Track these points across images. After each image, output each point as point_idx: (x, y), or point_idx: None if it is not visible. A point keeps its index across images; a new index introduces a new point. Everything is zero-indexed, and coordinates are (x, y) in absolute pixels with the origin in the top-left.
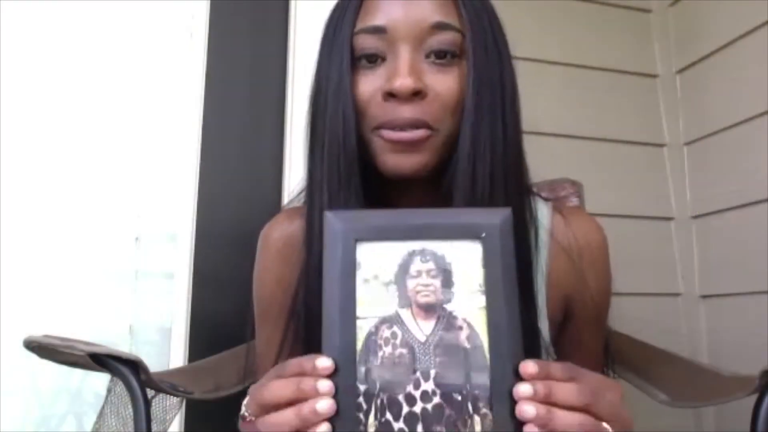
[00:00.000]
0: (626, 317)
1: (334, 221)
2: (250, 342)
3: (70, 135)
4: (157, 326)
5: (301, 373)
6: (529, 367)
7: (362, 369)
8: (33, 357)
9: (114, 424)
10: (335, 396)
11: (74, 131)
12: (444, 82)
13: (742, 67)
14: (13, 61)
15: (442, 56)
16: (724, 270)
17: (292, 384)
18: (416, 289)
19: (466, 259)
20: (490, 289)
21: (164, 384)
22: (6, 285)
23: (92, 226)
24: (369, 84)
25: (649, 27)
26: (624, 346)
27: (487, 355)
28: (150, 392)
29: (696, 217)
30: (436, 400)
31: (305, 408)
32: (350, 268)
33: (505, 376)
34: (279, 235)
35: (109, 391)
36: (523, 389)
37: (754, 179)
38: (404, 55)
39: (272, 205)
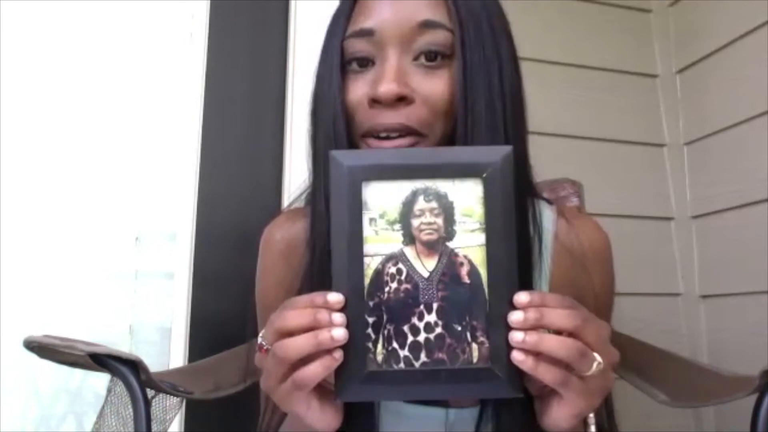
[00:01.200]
0: (626, 317)
1: (340, 162)
2: (251, 341)
3: (70, 135)
4: (157, 326)
5: (313, 307)
6: (521, 296)
7: (370, 303)
8: (33, 357)
9: (114, 424)
10: (346, 327)
11: (74, 131)
12: (432, 86)
13: (742, 67)
14: (13, 62)
15: (432, 58)
16: (724, 270)
17: (308, 313)
18: (420, 227)
19: (468, 198)
20: (489, 226)
21: (164, 384)
22: (6, 285)
23: (92, 226)
24: (357, 89)
25: (649, 27)
26: (624, 346)
27: (486, 289)
28: (150, 392)
29: (696, 217)
30: (438, 330)
31: (322, 334)
32: (357, 208)
33: (502, 307)
34: (281, 237)
35: (109, 391)
36: (515, 316)
37: (754, 179)
38: (391, 59)
39: (272, 205)
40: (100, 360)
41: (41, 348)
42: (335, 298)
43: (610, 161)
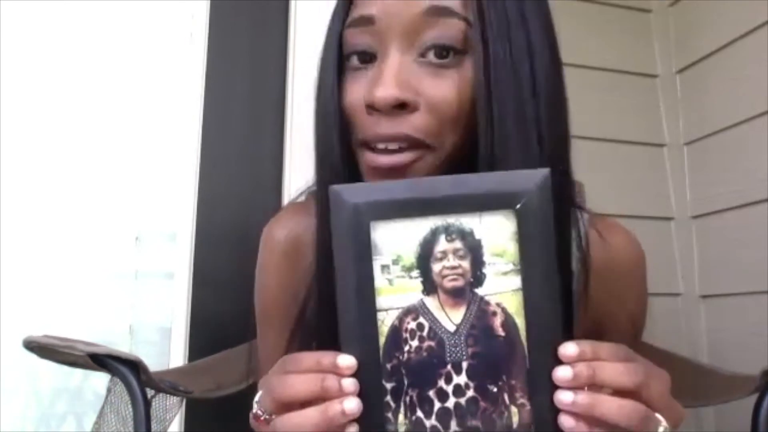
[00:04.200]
0: None
1: (342, 197)
2: (253, 341)
3: (70, 135)
4: (157, 326)
5: (320, 371)
6: (568, 348)
7: (387, 366)
8: (33, 357)
9: (114, 422)
10: (360, 395)
11: (74, 131)
12: (440, 89)
13: (742, 67)
14: (13, 61)
15: (443, 54)
16: (724, 270)
17: (314, 381)
18: (442, 273)
19: (498, 234)
20: (526, 267)
21: (164, 383)
22: (6, 285)
23: (92, 226)
24: (356, 90)
25: (649, 27)
26: None
27: (524, 342)
28: (150, 391)
29: (696, 217)
30: (470, 393)
31: (332, 408)
32: (365, 253)
33: (545, 362)
34: (284, 236)
35: (109, 390)
36: (561, 373)
37: (754, 179)
38: (392, 56)
39: (272, 205)
40: (99, 360)
41: (41, 348)
42: (346, 362)
43: (610, 161)
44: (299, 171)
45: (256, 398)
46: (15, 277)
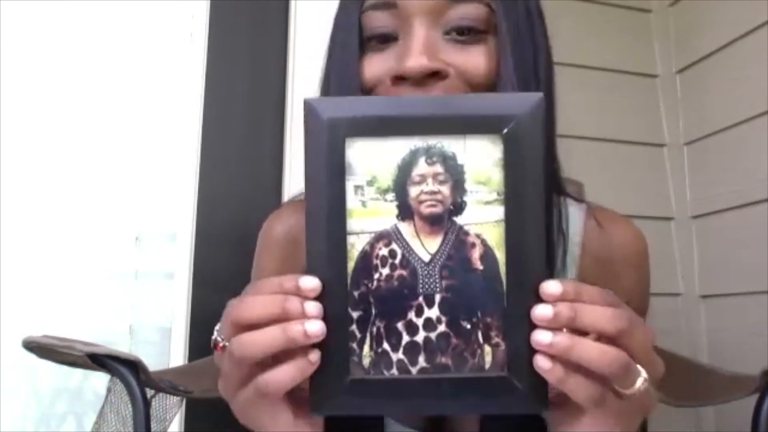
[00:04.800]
0: None
1: (317, 111)
2: None
3: (70, 135)
4: (157, 326)
5: (282, 293)
6: (550, 286)
7: (355, 293)
8: (33, 357)
9: (114, 422)
10: (324, 322)
11: (74, 131)
12: (469, 58)
13: (742, 67)
14: (13, 61)
15: (465, 33)
16: (724, 270)
17: (275, 301)
18: (420, 197)
19: (482, 160)
20: (510, 198)
21: (164, 383)
22: (6, 285)
23: (92, 226)
24: (377, 66)
25: (649, 27)
26: None
27: (503, 278)
28: (150, 391)
29: (696, 217)
30: (441, 328)
31: (293, 327)
32: (338, 171)
33: (524, 300)
34: (282, 232)
35: (108, 390)
36: (540, 311)
37: (754, 179)
38: (418, 31)
39: (272, 205)
40: (99, 360)
41: (40, 348)
42: (310, 283)
43: (610, 161)
44: (299, 171)
45: (217, 327)
46: (15, 277)
